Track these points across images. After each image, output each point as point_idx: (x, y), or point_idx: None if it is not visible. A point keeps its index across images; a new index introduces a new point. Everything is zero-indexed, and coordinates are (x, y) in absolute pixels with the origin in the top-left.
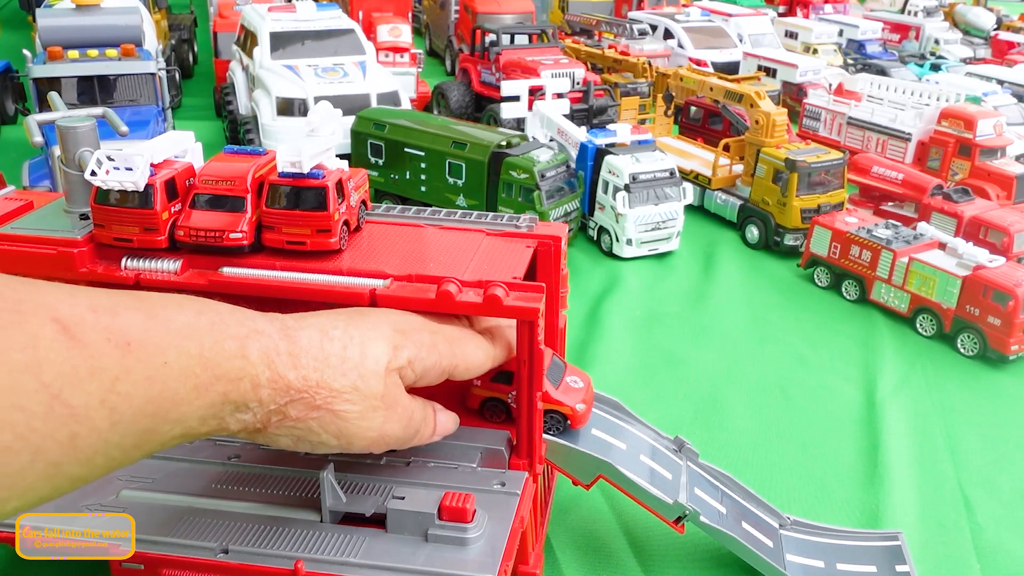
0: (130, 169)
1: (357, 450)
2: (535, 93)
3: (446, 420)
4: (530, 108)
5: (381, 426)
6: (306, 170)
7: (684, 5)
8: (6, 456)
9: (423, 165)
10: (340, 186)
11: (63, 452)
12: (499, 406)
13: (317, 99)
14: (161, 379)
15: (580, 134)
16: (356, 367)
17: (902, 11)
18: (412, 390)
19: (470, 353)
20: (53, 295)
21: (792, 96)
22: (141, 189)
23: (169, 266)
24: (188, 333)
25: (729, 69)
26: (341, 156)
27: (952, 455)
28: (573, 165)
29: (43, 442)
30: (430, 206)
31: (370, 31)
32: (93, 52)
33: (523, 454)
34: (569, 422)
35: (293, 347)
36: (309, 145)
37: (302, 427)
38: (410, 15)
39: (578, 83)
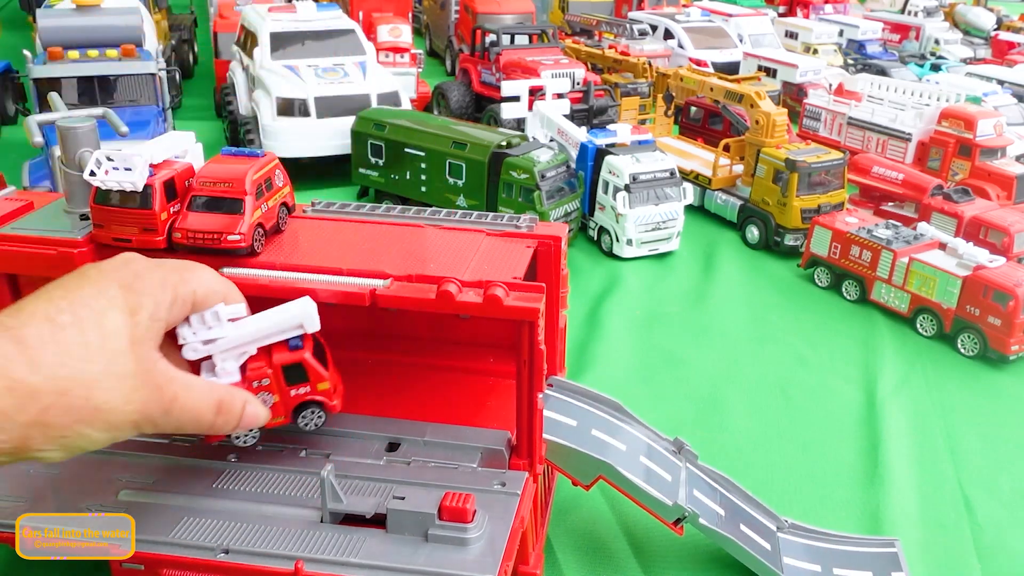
0: (129, 169)
1: (125, 437)
2: (535, 93)
3: (256, 411)
4: (530, 108)
5: (143, 406)
6: (140, 187)
7: (684, 5)
8: None
9: (423, 165)
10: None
11: None
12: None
13: (317, 99)
14: None
15: (580, 134)
16: (100, 350)
17: (902, 11)
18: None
19: (205, 277)
20: None
21: (792, 96)
22: (140, 189)
23: None
24: None
25: (729, 69)
26: (341, 156)
27: (952, 455)
28: (573, 165)
29: None
30: (430, 206)
31: (370, 31)
32: (93, 52)
33: (523, 454)
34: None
35: (23, 347)
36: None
37: (70, 434)
38: (410, 15)
39: (578, 83)
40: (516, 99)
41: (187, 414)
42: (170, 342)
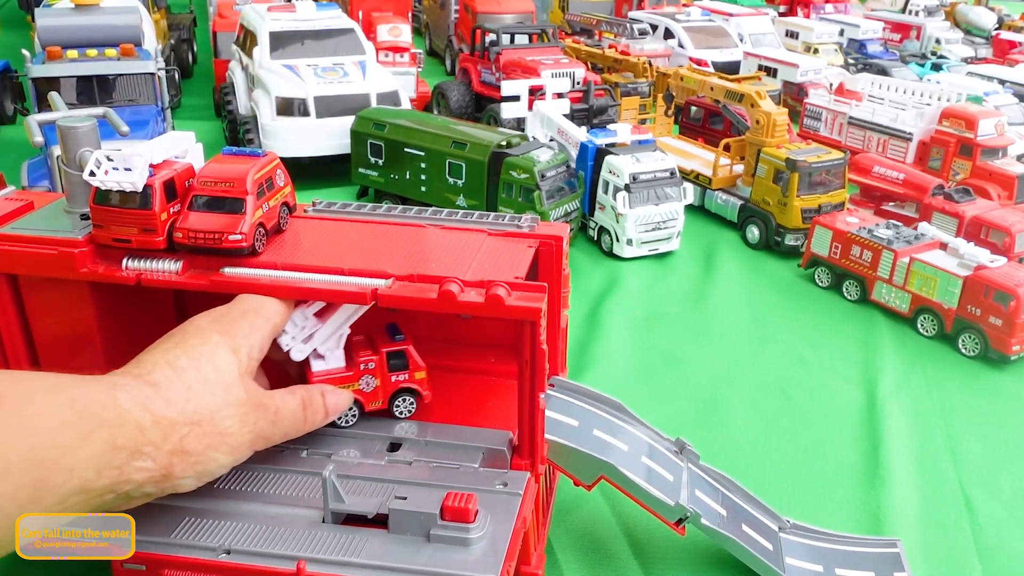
0: (129, 170)
1: (244, 457)
2: (535, 93)
3: (340, 399)
4: (530, 108)
5: (255, 426)
6: (139, 187)
7: (684, 5)
8: None
9: (423, 165)
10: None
11: None
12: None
13: (317, 99)
14: (38, 429)
15: (580, 134)
16: (216, 384)
17: (903, 11)
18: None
19: (274, 309)
20: None
21: (793, 96)
22: (139, 190)
23: (170, 266)
24: (50, 387)
25: (730, 69)
26: (341, 156)
27: (953, 455)
28: (573, 165)
29: None
30: (430, 206)
31: (370, 31)
32: (92, 52)
33: (525, 454)
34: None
35: (157, 389)
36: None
37: (204, 460)
38: (410, 15)
39: (578, 83)
40: (516, 99)
41: (287, 420)
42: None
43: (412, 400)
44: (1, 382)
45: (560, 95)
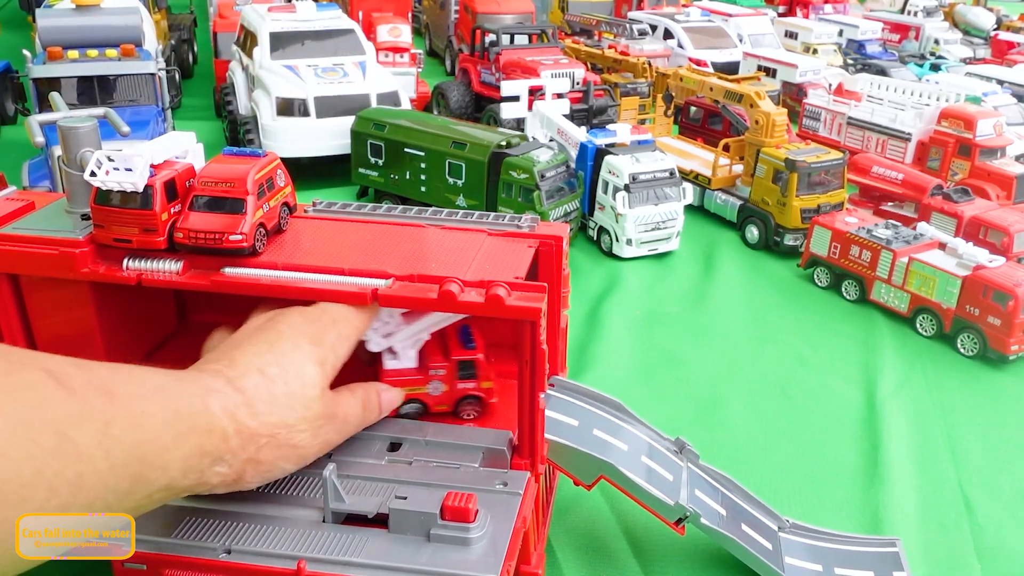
0: (130, 170)
1: (304, 465)
2: (535, 93)
3: (393, 397)
4: (530, 108)
5: (326, 439)
6: (140, 188)
7: (684, 5)
8: (25, 491)
9: (423, 165)
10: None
11: (71, 493)
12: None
13: (317, 99)
14: (144, 426)
15: (580, 134)
16: (300, 399)
17: (902, 11)
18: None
19: (359, 318)
20: (35, 353)
21: (792, 96)
22: (140, 190)
23: (171, 266)
24: (156, 387)
25: (729, 69)
26: (341, 156)
27: (952, 455)
28: (573, 165)
29: (55, 480)
30: (430, 206)
31: (370, 31)
32: (93, 52)
33: (525, 454)
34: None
35: (245, 397)
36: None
37: (273, 468)
38: (410, 15)
39: (578, 83)
40: (516, 99)
41: (350, 424)
42: None
43: (478, 406)
44: (111, 377)
45: (560, 95)
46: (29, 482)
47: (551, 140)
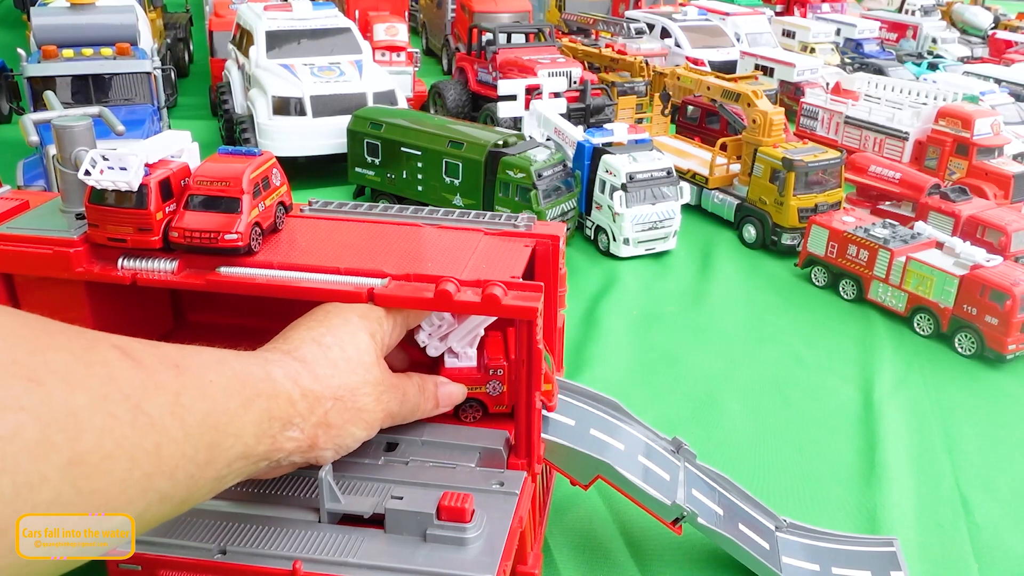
0: (124, 169)
1: (374, 433)
2: (532, 92)
3: (452, 391)
4: (527, 107)
5: (387, 405)
6: (135, 187)
7: (681, 4)
8: (108, 463)
9: (420, 164)
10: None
11: (152, 463)
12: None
13: (313, 98)
14: (211, 395)
15: (577, 133)
16: (358, 363)
17: (899, 10)
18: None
19: (399, 310)
20: (104, 333)
21: (789, 95)
22: (135, 189)
23: (166, 266)
24: (218, 359)
25: (726, 68)
26: (337, 155)
27: (950, 455)
28: (570, 164)
29: (135, 450)
30: (427, 205)
31: (366, 30)
32: (88, 51)
33: (521, 454)
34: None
35: (305, 364)
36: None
37: (343, 433)
38: (406, 14)
39: (575, 82)
40: (513, 98)
41: (411, 402)
42: None
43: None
44: (176, 353)
45: (557, 94)
46: (111, 454)
47: (548, 139)
